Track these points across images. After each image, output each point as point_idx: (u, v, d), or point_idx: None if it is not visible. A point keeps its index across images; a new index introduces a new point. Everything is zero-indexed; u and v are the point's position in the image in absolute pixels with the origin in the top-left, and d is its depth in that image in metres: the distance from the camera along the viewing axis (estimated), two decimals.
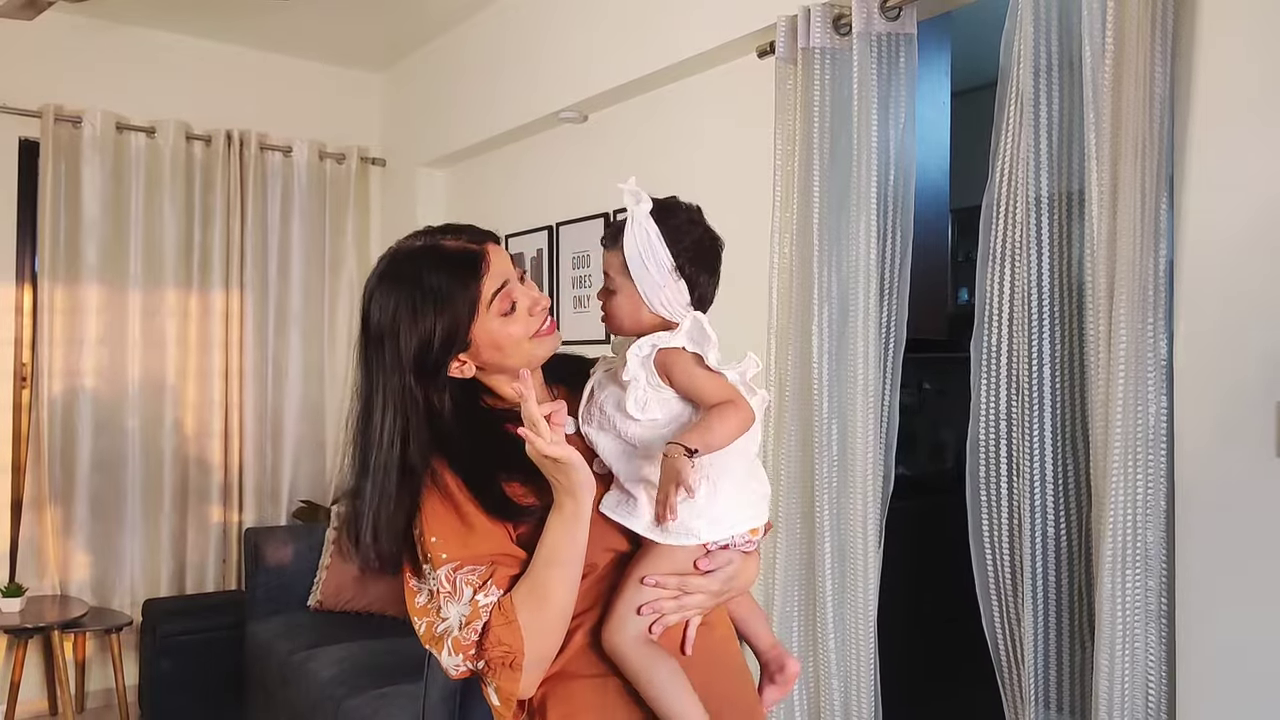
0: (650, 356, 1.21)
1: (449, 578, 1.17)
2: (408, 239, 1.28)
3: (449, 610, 1.17)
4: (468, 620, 1.15)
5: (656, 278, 1.22)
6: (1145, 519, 1.73)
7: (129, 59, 4.10)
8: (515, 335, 1.24)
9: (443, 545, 1.18)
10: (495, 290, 1.22)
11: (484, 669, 1.16)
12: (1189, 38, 1.75)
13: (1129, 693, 1.74)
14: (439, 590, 1.17)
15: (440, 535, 1.19)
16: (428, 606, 1.19)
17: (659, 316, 1.25)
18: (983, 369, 2.00)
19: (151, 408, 4.07)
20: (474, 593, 1.16)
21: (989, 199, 1.99)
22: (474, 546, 1.18)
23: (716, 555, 1.23)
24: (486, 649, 1.15)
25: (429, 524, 1.20)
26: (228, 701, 3.68)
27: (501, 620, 1.15)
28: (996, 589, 2.00)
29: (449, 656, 1.16)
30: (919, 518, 2.72)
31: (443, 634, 1.17)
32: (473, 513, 1.19)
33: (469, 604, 1.16)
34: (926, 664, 3.01)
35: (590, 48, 3.34)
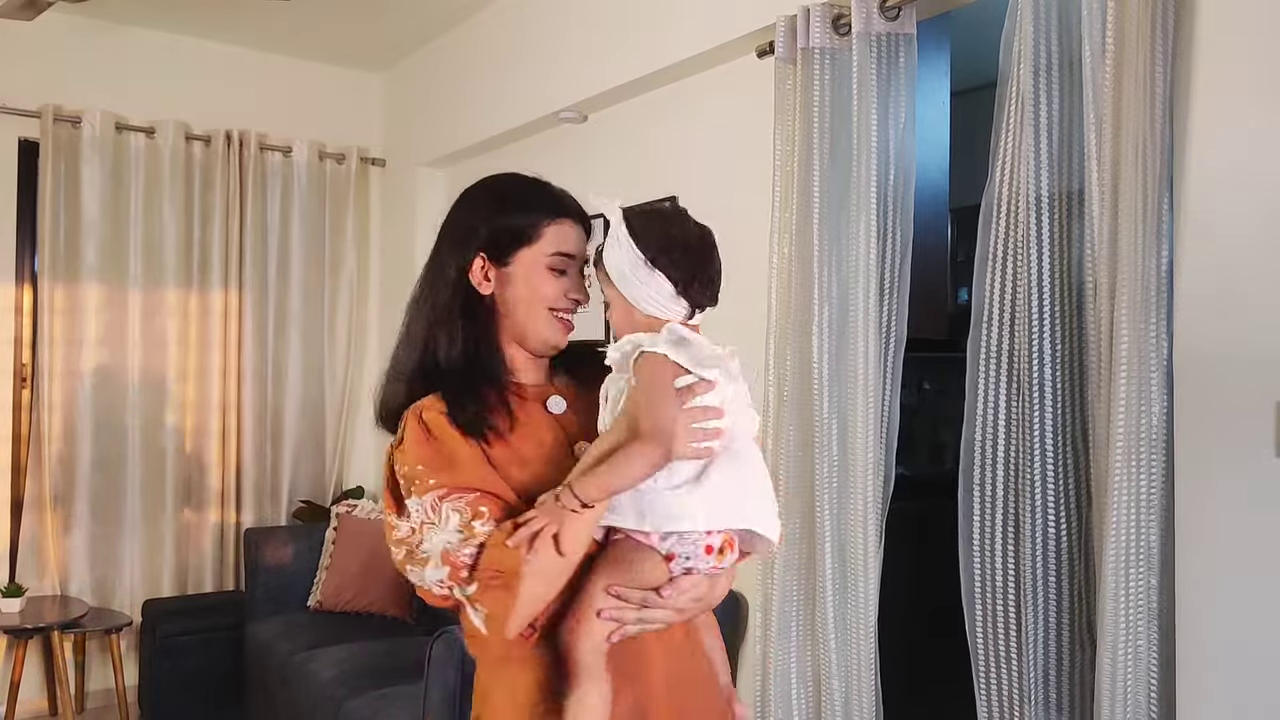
0: (632, 355, 1.22)
1: (434, 505, 1.19)
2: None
3: (432, 537, 1.18)
4: (461, 541, 1.17)
5: (631, 275, 1.24)
6: (1147, 519, 1.73)
7: (129, 59, 4.10)
8: (545, 294, 1.30)
9: (429, 473, 1.21)
10: (560, 250, 1.31)
11: (474, 592, 1.16)
12: (1189, 38, 1.75)
13: (1130, 692, 1.74)
14: (422, 521, 1.19)
15: (425, 464, 1.22)
16: (407, 538, 1.21)
17: (652, 317, 1.26)
18: (980, 368, 2.00)
19: (151, 408, 4.07)
20: (464, 519, 1.18)
21: (988, 199, 1.99)
22: (458, 475, 1.21)
23: (679, 582, 1.22)
24: (479, 569, 1.16)
25: (414, 453, 1.23)
26: (228, 702, 3.68)
27: (500, 547, 1.15)
28: (987, 590, 1.99)
29: (434, 570, 1.17)
30: (919, 518, 2.72)
31: (424, 556, 1.19)
32: (455, 441, 1.23)
33: (460, 529, 1.17)
34: (927, 664, 3.01)
35: (590, 48, 3.33)
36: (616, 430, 1.21)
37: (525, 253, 1.30)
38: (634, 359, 1.21)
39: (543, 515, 1.16)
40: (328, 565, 3.77)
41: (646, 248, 1.24)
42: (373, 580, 3.66)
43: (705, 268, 1.27)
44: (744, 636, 2.69)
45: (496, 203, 1.34)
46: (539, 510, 1.17)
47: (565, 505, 1.16)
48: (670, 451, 1.17)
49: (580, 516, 1.16)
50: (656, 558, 1.21)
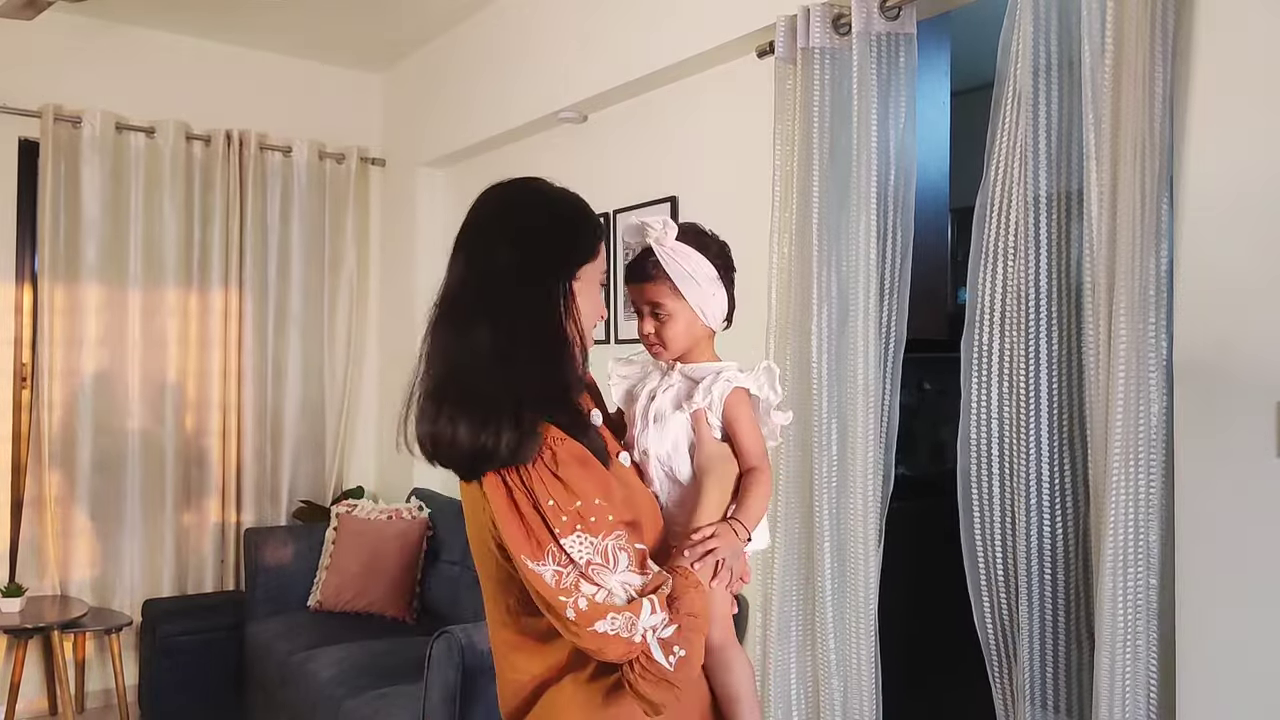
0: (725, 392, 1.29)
1: (600, 547, 1.11)
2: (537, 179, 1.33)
3: (606, 580, 1.10)
4: (655, 584, 1.12)
5: (706, 289, 1.31)
6: (1147, 519, 1.73)
7: (129, 59, 4.10)
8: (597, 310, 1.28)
9: (606, 508, 1.13)
10: (604, 269, 1.31)
11: (673, 635, 1.11)
12: (1189, 38, 1.75)
13: (1130, 692, 1.74)
14: (589, 560, 1.10)
15: (602, 498, 1.13)
16: (563, 584, 1.10)
17: (708, 328, 1.35)
18: (974, 368, 2.00)
19: (151, 408, 4.07)
20: (631, 560, 1.12)
21: (983, 198, 1.99)
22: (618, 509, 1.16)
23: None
24: (680, 611, 1.12)
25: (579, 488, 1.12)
26: (228, 701, 3.68)
27: (691, 588, 1.15)
28: (989, 588, 1.99)
29: (651, 615, 1.09)
30: (919, 517, 2.72)
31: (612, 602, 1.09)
32: (604, 474, 1.17)
33: (635, 570, 1.12)
34: (927, 663, 3.01)
35: (590, 48, 3.33)
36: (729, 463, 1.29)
37: (588, 268, 1.25)
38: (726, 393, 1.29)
39: (726, 547, 1.21)
40: (328, 565, 3.77)
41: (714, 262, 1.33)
42: (373, 580, 3.66)
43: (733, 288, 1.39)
44: (744, 637, 2.69)
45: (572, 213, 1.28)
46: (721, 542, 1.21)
47: (741, 538, 1.24)
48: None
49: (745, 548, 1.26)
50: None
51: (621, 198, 3.38)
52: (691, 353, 1.36)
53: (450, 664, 2.25)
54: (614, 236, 3.42)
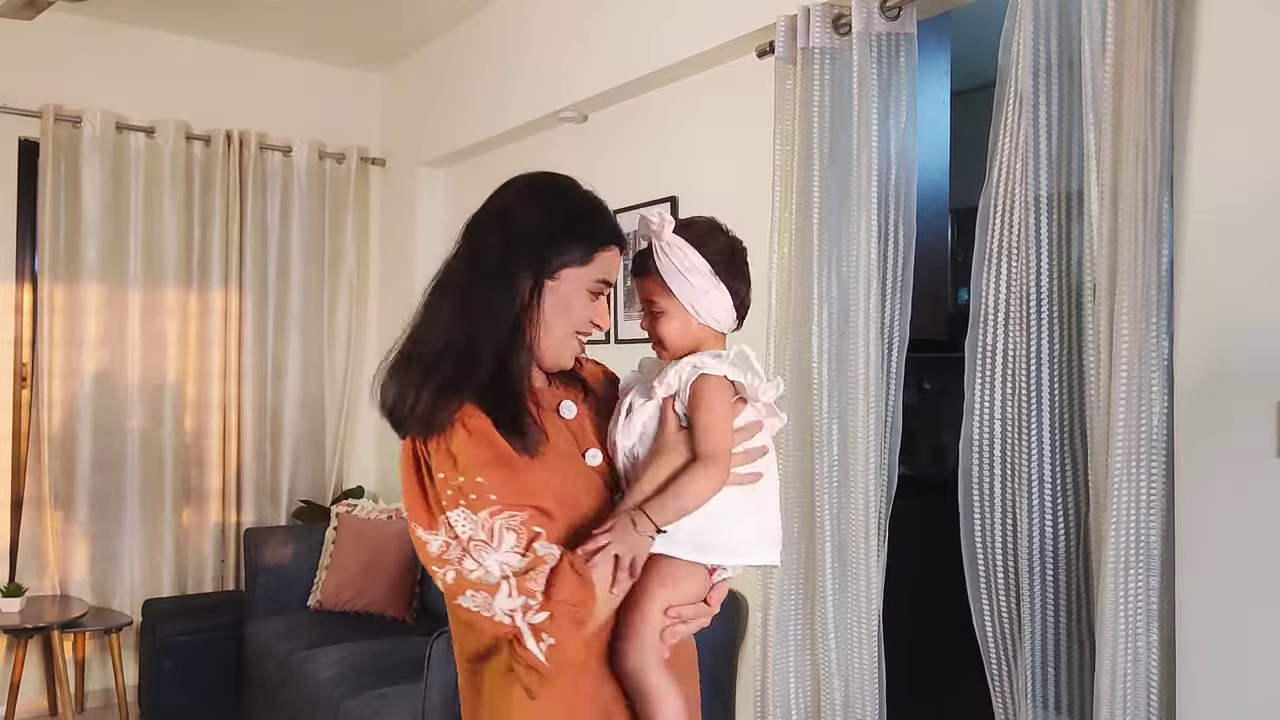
0: (692, 377, 1.23)
1: (485, 524, 1.12)
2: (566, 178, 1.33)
3: (485, 558, 1.11)
4: (529, 567, 1.11)
5: (697, 284, 1.25)
6: (1147, 519, 1.73)
7: (129, 59, 4.10)
8: (579, 317, 1.26)
9: (489, 486, 1.13)
10: (605, 279, 1.27)
11: (543, 622, 1.10)
12: (1189, 38, 1.75)
13: (1130, 693, 1.74)
14: (470, 536, 1.12)
15: (485, 475, 1.14)
16: (446, 556, 1.13)
17: (706, 328, 1.27)
18: (977, 368, 2.00)
19: (151, 408, 4.07)
20: (521, 538, 1.12)
21: (986, 198, 1.99)
22: (513, 491, 1.15)
23: (720, 588, 1.26)
24: (553, 599, 1.10)
25: (465, 463, 1.14)
26: (228, 701, 3.68)
27: (574, 576, 1.12)
28: (988, 589, 1.99)
29: (507, 599, 1.10)
30: (920, 517, 2.72)
31: (481, 579, 1.11)
32: (508, 455, 1.17)
33: (519, 551, 1.12)
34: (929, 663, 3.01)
35: (590, 48, 3.33)
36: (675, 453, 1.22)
37: (572, 272, 1.24)
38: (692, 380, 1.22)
39: (619, 541, 1.15)
40: (327, 565, 3.77)
41: (712, 259, 1.25)
42: (373, 580, 3.66)
43: (748, 281, 1.31)
44: (744, 637, 2.69)
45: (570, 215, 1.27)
46: (614, 535, 1.15)
47: (643, 532, 1.16)
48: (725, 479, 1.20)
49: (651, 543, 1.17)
50: (703, 571, 1.24)
51: (621, 198, 3.37)
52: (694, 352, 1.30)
53: (450, 664, 2.24)
54: None
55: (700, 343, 1.28)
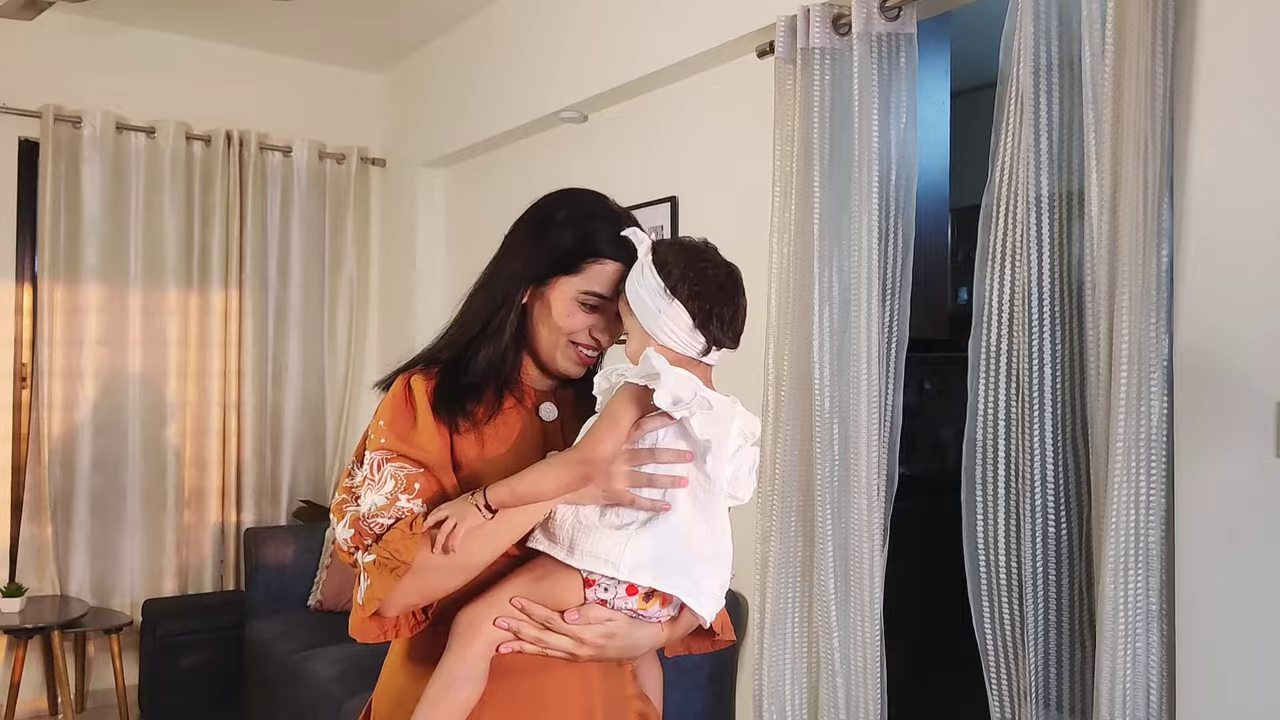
0: (616, 386, 1.20)
1: (379, 464, 1.20)
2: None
3: (366, 495, 1.19)
4: (380, 509, 1.17)
5: (650, 303, 1.20)
6: (1147, 519, 1.73)
7: (129, 59, 4.10)
8: (567, 325, 1.28)
9: (388, 429, 1.23)
10: (591, 289, 1.28)
11: (369, 563, 1.16)
12: (1189, 38, 1.75)
13: (1130, 693, 1.74)
14: (366, 477, 1.21)
15: (388, 422, 1.23)
16: (352, 487, 1.23)
17: (666, 348, 1.20)
18: (981, 369, 2.00)
19: (151, 407, 4.08)
20: (396, 487, 1.19)
21: (988, 199, 1.99)
22: (413, 446, 1.22)
23: (588, 610, 1.16)
24: (381, 544, 1.16)
25: (385, 411, 1.25)
26: (228, 701, 3.68)
27: (405, 530, 1.16)
28: (990, 589, 1.99)
29: (343, 529, 1.19)
30: (921, 517, 2.72)
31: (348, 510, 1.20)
32: (426, 416, 1.23)
33: (386, 496, 1.18)
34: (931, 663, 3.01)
35: (590, 48, 3.33)
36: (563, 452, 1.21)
37: (563, 280, 1.28)
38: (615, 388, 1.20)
39: (449, 507, 1.16)
40: (328, 565, 3.77)
41: (668, 275, 1.19)
42: None
43: (726, 305, 1.21)
44: (744, 637, 2.70)
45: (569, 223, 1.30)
46: (450, 506, 1.17)
47: (472, 502, 1.16)
48: (590, 478, 1.15)
49: (485, 521, 1.15)
50: (575, 579, 1.17)
51: (621, 198, 3.33)
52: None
53: None
54: None
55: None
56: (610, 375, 1.22)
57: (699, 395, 1.16)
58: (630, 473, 1.16)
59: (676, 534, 1.17)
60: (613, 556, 1.15)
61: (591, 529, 1.17)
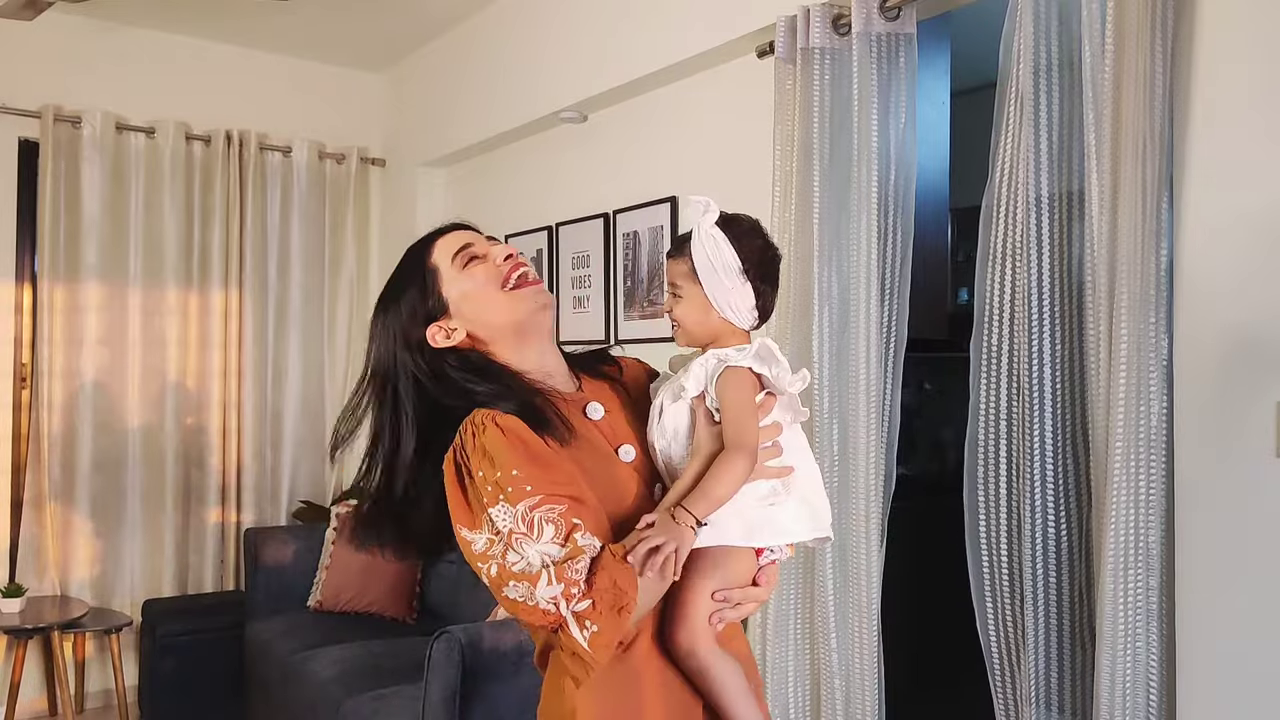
0: (717, 371, 1.25)
1: (525, 516, 1.13)
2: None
3: (526, 549, 1.12)
4: (569, 556, 1.12)
5: (725, 280, 1.27)
6: (1147, 519, 1.73)
7: (129, 59, 4.10)
8: (481, 283, 1.29)
9: (524, 479, 1.15)
10: (455, 250, 1.30)
11: (586, 610, 1.12)
12: (1189, 38, 1.75)
13: (1130, 693, 1.74)
14: (510, 530, 1.13)
15: (517, 468, 1.15)
16: (489, 552, 1.15)
17: (727, 322, 1.30)
18: (982, 369, 2.00)
19: (151, 407, 4.07)
20: (560, 530, 1.13)
21: (988, 199, 1.99)
22: (551, 482, 1.16)
23: (768, 571, 1.29)
24: (596, 587, 1.12)
25: (502, 458, 1.16)
26: (228, 701, 3.68)
27: (615, 562, 1.13)
28: (993, 589, 1.99)
29: (547, 587, 1.11)
30: (920, 517, 2.72)
31: (523, 571, 1.12)
32: (540, 446, 1.19)
33: (558, 542, 1.13)
34: (929, 664, 3.01)
35: (590, 48, 3.33)
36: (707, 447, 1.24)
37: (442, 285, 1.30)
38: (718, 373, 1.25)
39: (661, 534, 1.16)
40: (328, 565, 3.77)
41: (746, 257, 1.28)
42: (373, 580, 3.66)
43: (777, 287, 1.34)
44: None
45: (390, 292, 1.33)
46: (658, 529, 1.17)
47: (682, 524, 1.17)
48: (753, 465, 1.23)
49: (693, 535, 1.19)
50: (750, 554, 1.27)
51: (621, 198, 3.38)
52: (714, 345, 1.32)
53: (450, 664, 2.25)
54: (614, 236, 3.43)
55: (718, 335, 1.31)
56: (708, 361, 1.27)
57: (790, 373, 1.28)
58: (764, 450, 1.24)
59: (807, 483, 1.30)
60: (791, 527, 1.27)
61: (750, 509, 1.25)
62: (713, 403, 1.26)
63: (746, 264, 1.28)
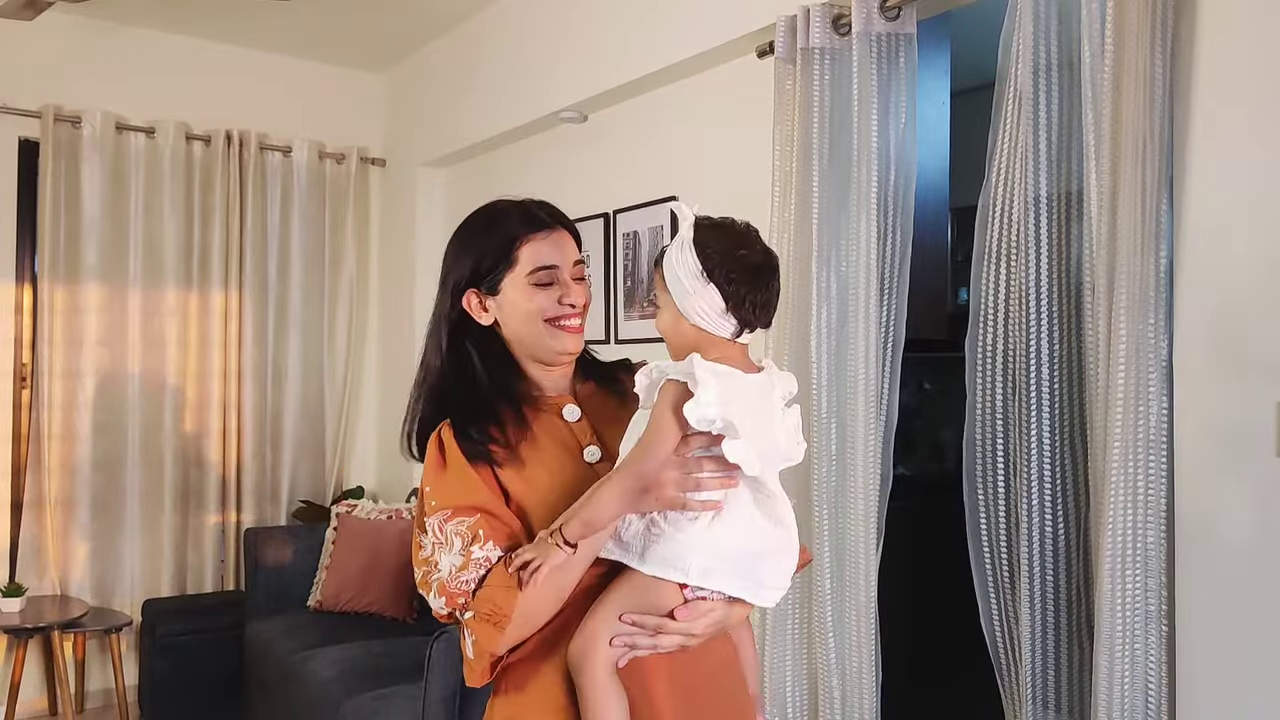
0: (658, 383, 1.21)
1: (440, 527, 1.24)
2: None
3: (442, 559, 1.23)
4: (459, 568, 1.21)
5: (686, 284, 1.23)
6: (1145, 519, 1.73)
7: (129, 59, 4.10)
8: (534, 308, 1.32)
9: (433, 494, 1.26)
10: (541, 265, 1.33)
11: (469, 620, 1.21)
12: (1189, 38, 1.75)
13: (1129, 693, 1.74)
14: (434, 543, 1.24)
15: (432, 485, 1.27)
16: (428, 557, 1.25)
17: (701, 330, 1.23)
18: (978, 368, 2.00)
19: (151, 408, 4.07)
20: (464, 543, 1.22)
21: (985, 198, 1.99)
22: (461, 497, 1.24)
23: (694, 606, 1.20)
24: (478, 600, 1.20)
25: (428, 474, 1.28)
26: (228, 701, 3.68)
27: (500, 580, 1.19)
28: (996, 588, 1.99)
29: (434, 598, 1.23)
30: (919, 517, 2.72)
31: (424, 576, 1.25)
32: (461, 465, 1.26)
33: (460, 554, 1.21)
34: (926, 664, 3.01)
35: (590, 48, 3.33)
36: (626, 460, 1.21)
37: (509, 277, 1.34)
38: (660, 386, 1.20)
39: (532, 550, 1.19)
40: (328, 565, 3.77)
41: (707, 259, 1.22)
42: (373, 580, 3.66)
43: (761, 290, 1.23)
44: None
45: (472, 237, 1.38)
46: (531, 546, 1.20)
47: (554, 543, 1.18)
48: (647, 490, 1.16)
49: (569, 556, 1.18)
50: (672, 587, 1.20)
51: (621, 198, 3.38)
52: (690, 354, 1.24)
53: (450, 664, 2.25)
54: (615, 236, 3.43)
55: (696, 344, 1.23)
56: (651, 371, 1.23)
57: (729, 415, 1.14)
58: (680, 478, 1.17)
59: (736, 532, 1.19)
60: (680, 563, 1.18)
61: (659, 536, 1.19)
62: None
63: (708, 265, 1.21)
